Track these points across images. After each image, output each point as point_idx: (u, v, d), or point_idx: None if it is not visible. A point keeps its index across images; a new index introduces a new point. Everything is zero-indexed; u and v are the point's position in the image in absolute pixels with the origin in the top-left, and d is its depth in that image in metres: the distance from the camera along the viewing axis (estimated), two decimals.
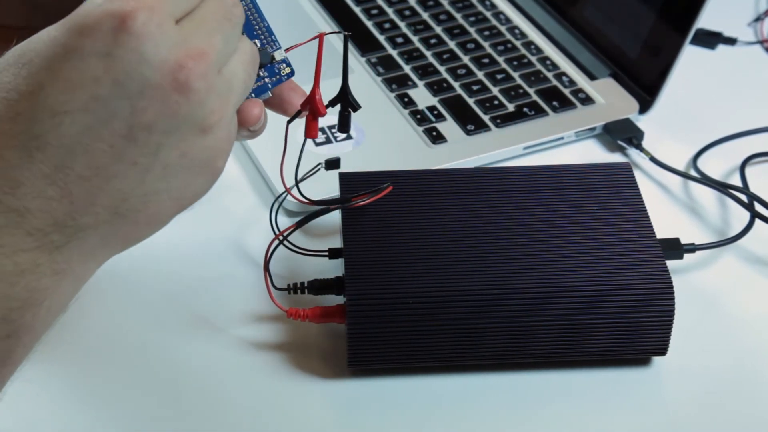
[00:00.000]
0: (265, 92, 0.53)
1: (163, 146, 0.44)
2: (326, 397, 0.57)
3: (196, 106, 0.44)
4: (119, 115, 0.43)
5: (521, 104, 0.76)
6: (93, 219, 0.44)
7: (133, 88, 0.43)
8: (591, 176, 0.62)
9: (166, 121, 0.44)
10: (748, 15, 0.88)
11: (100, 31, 0.43)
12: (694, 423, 0.56)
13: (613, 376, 0.58)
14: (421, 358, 0.56)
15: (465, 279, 0.55)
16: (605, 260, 0.56)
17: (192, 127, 0.45)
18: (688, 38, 0.72)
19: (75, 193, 0.43)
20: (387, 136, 0.73)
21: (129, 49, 0.43)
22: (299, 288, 0.58)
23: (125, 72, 0.43)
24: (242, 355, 0.58)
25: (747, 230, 0.65)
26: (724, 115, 0.77)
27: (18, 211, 0.42)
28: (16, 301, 0.43)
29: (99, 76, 0.43)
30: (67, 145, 0.43)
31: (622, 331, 0.56)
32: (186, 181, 0.46)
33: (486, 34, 0.82)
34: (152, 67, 0.43)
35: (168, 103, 0.44)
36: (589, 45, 0.81)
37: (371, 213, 0.59)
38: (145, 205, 0.45)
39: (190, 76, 0.44)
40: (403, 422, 0.55)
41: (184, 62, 0.44)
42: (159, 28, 0.43)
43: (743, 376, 0.58)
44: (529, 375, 0.58)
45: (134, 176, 0.44)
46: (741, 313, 0.62)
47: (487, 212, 0.59)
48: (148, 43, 0.43)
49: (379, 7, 0.86)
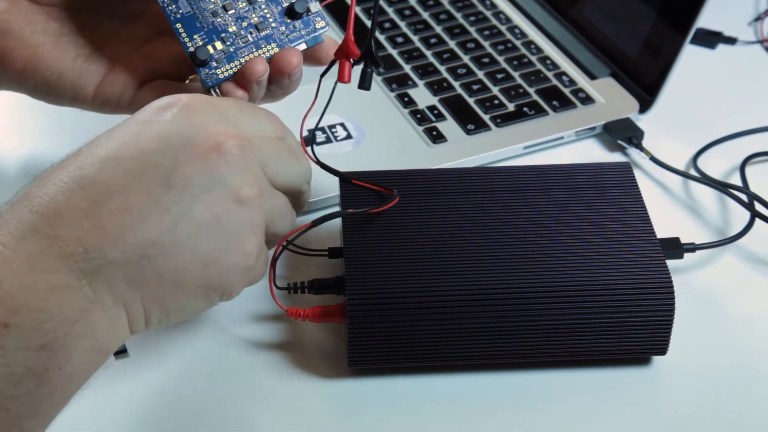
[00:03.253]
0: (299, 43, 0.57)
1: (198, 200, 0.48)
2: (326, 397, 0.57)
3: (232, 170, 0.49)
4: (160, 164, 0.48)
5: (521, 104, 0.76)
6: (120, 254, 0.46)
7: (177, 143, 0.48)
8: (591, 176, 0.62)
9: (202, 175, 0.48)
10: (748, 14, 0.88)
11: (162, 108, 0.50)
12: (694, 422, 0.56)
13: (613, 375, 0.58)
14: (422, 357, 0.56)
15: (465, 278, 0.55)
16: (605, 260, 0.56)
17: (227, 191, 0.49)
18: (688, 38, 0.72)
19: (107, 228, 0.46)
20: (387, 136, 0.73)
21: (185, 117, 0.49)
22: (299, 287, 0.58)
23: (175, 131, 0.49)
24: (242, 355, 0.58)
25: (747, 230, 0.65)
26: (724, 115, 0.77)
27: (53, 238, 0.45)
28: (48, 313, 0.45)
29: (150, 136, 0.48)
30: (107, 185, 0.47)
31: (622, 331, 0.56)
32: (215, 251, 0.49)
33: (486, 33, 0.82)
34: (196, 130, 0.49)
35: (206, 160, 0.48)
36: (589, 44, 0.81)
37: (371, 212, 0.59)
38: (171, 256, 0.47)
39: (229, 142, 0.49)
40: (404, 422, 0.55)
41: (228, 134, 0.49)
42: (212, 111, 0.50)
43: (743, 375, 0.58)
44: (529, 375, 0.58)
45: (166, 223, 0.47)
46: (741, 313, 0.62)
47: (487, 212, 0.59)
48: (198, 116, 0.50)
49: (380, 7, 0.86)
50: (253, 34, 0.57)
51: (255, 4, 0.57)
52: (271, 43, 0.58)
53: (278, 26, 0.58)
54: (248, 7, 0.57)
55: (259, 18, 0.57)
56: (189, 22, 0.56)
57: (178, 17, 0.56)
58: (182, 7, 0.56)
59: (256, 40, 0.57)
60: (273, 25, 0.58)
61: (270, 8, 0.58)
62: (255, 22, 0.57)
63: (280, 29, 0.58)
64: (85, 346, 0.46)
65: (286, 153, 0.53)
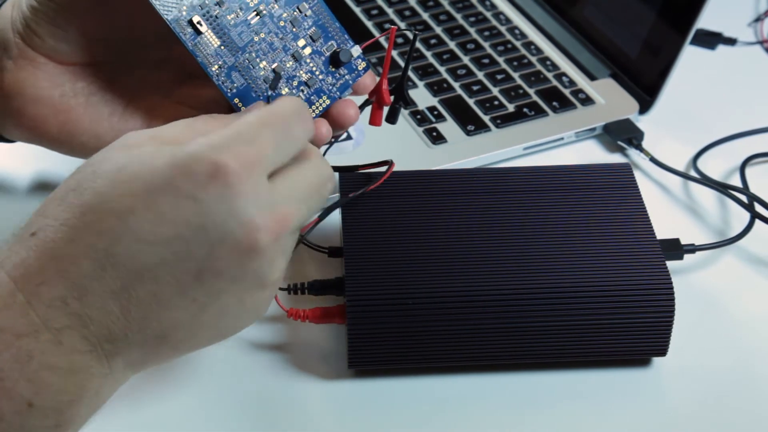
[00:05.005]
0: (347, 89, 0.57)
1: (225, 292, 0.47)
2: (326, 398, 0.57)
3: (265, 264, 0.47)
4: (195, 257, 0.45)
5: (521, 104, 0.76)
6: (141, 338, 0.46)
7: (215, 236, 0.45)
8: (591, 177, 0.62)
9: (235, 271, 0.46)
10: (748, 15, 0.88)
11: (201, 176, 0.45)
12: (694, 423, 0.56)
13: (613, 376, 0.58)
14: (422, 358, 0.56)
15: (465, 280, 0.55)
16: (605, 261, 0.56)
17: (256, 281, 0.47)
18: (688, 38, 0.72)
19: (133, 314, 0.46)
20: (387, 137, 0.73)
21: (223, 201, 0.45)
22: (300, 288, 0.58)
23: (213, 221, 0.45)
24: (242, 355, 0.58)
25: (747, 231, 0.65)
26: (724, 116, 0.77)
27: (80, 316, 0.45)
28: (67, 394, 0.45)
29: (189, 219, 0.45)
30: (139, 270, 0.45)
31: (622, 332, 0.56)
32: (234, 322, 0.49)
33: (486, 34, 0.82)
34: (238, 222, 0.45)
35: (241, 257, 0.46)
36: (589, 45, 0.81)
37: (371, 213, 0.59)
38: (192, 337, 0.48)
39: (268, 238, 0.46)
40: (404, 423, 0.55)
41: (267, 225, 0.46)
42: (254, 187, 0.46)
43: (743, 376, 0.58)
44: (529, 376, 0.58)
45: (191, 311, 0.47)
46: (741, 314, 0.62)
47: (487, 213, 0.59)
48: (240, 200, 0.45)
49: (379, 8, 0.86)
50: (305, 91, 0.57)
51: (301, 60, 0.57)
52: (321, 96, 0.57)
53: (325, 77, 0.57)
54: (295, 65, 0.57)
55: (307, 74, 0.57)
56: (245, 93, 0.55)
57: (234, 92, 0.55)
58: (236, 81, 0.55)
59: (308, 97, 0.57)
60: (320, 78, 0.57)
61: (315, 61, 0.57)
62: (305, 79, 0.57)
63: (327, 81, 0.58)
64: (89, 412, 0.47)
65: (315, 198, 0.50)
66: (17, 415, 0.44)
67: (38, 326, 0.44)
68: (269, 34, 0.56)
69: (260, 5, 0.56)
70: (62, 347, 0.45)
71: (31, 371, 0.44)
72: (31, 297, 0.44)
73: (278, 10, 0.56)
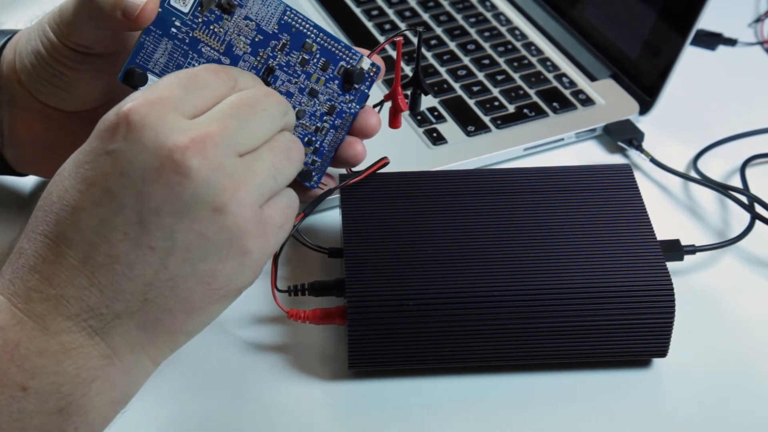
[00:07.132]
0: (366, 99, 0.58)
1: (178, 229, 0.46)
2: (327, 399, 0.57)
3: (200, 185, 0.46)
4: (128, 204, 0.46)
5: (521, 105, 0.76)
6: (124, 306, 0.46)
7: (136, 176, 0.45)
8: (591, 177, 0.62)
9: (172, 203, 0.46)
10: (749, 16, 0.88)
11: (108, 131, 0.46)
12: (694, 424, 0.56)
13: (613, 377, 0.58)
14: (422, 359, 0.56)
15: (465, 281, 0.55)
16: (605, 262, 0.56)
17: (203, 206, 0.46)
18: (688, 39, 0.72)
19: (102, 282, 0.46)
20: (387, 137, 0.73)
21: (131, 141, 0.46)
22: (300, 290, 0.58)
23: (128, 162, 0.45)
24: (243, 356, 0.58)
25: (747, 232, 0.65)
26: (724, 116, 0.77)
27: (55, 298, 0.45)
28: (65, 376, 0.45)
29: (107, 172, 0.46)
30: (88, 238, 0.46)
31: (623, 333, 0.56)
32: (213, 266, 0.47)
33: (486, 35, 0.82)
34: (150, 153, 0.45)
35: (170, 185, 0.45)
36: (590, 46, 0.81)
37: (371, 214, 0.59)
38: (172, 290, 0.47)
39: (186, 156, 0.45)
40: (404, 424, 0.55)
41: (184, 144, 0.46)
42: (160, 119, 0.46)
43: (743, 377, 0.58)
44: (529, 377, 0.58)
45: (154, 261, 0.46)
46: (741, 315, 0.62)
47: (488, 214, 0.59)
48: (147, 131, 0.45)
49: (380, 8, 0.86)
50: (327, 120, 0.58)
51: (317, 95, 0.57)
52: (344, 116, 0.58)
53: (343, 98, 0.58)
54: (314, 100, 0.57)
55: (326, 103, 0.58)
56: None
57: None
58: None
59: (332, 123, 0.58)
60: (339, 100, 0.58)
61: (330, 87, 0.57)
62: (325, 110, 0.58)
63: (345, 100, 0.58)
64: (102, 402, 0.47)
65: (246, 112, 0.49)
66: (12, 399, 0.44)
67: (20, 318, 0.45)
68: (283, 84, 0.57)
69: (269, 61, 0.56)
70: (48, 331, 0.45)
71: (21, 357, 0.45)
72: (8, 294, 0.46)
73: (285, 58, 0.56)
